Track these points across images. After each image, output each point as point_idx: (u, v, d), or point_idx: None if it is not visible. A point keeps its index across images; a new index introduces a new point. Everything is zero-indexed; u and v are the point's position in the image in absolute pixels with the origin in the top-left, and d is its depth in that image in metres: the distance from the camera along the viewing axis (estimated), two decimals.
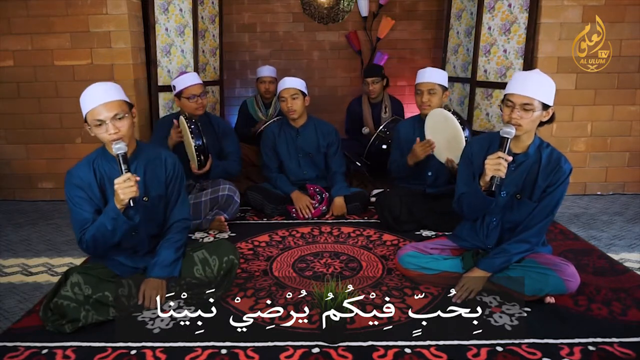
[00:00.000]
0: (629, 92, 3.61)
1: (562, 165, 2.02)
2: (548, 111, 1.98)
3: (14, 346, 1.79)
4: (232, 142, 3.26)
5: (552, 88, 1.99)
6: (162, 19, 3.67)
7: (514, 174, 2.07)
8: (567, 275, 1.96)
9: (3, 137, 3.69)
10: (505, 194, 2.09)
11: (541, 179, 2.03)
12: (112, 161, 2.01)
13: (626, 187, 3.79)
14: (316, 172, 3.38)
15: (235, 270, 2.15)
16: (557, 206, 2.05)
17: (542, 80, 1.97)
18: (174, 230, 2.13)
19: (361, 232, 2.93)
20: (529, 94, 1.93)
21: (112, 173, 2.00)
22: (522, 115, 1.94)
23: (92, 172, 2.00)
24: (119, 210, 1.90)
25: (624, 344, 1.77)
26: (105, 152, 2.03)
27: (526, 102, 1.93)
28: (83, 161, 2.04)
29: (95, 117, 1.91)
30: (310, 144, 3.32)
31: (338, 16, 5.19)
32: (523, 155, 2.06)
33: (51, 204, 3.66)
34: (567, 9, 3.45)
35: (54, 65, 3.54)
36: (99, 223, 1.92)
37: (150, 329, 1.88)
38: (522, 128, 1.96)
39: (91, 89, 1.96)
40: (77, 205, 1.97)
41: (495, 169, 1.91)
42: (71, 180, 1.98)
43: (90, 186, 1.99)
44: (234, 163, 3.22)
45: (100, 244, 1.96)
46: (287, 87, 3.18)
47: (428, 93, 2.91)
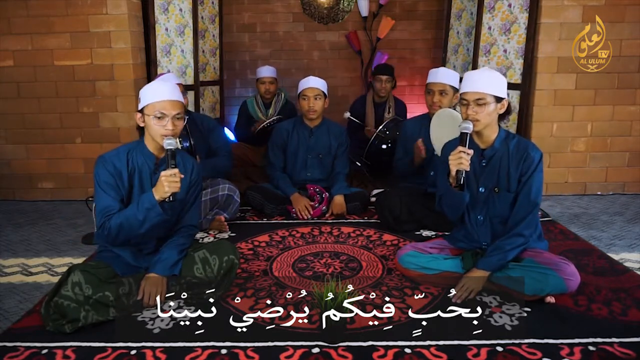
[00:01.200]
0: (629, 92, 3.61)
1: (530, 153, 2.07)
2: (503, 103, 2.06)
3: (14, 346, 1.79)
4: (218, 137, 3.18)
5: (502, 81, 2.07)
6: (162, 19, 3.67)
7: (487, 169, 2.13)
8: (567, 274, 1.97)
9: (3, 137, 3.69)
10: (483, 189, 2.15)
11: (513, 169, 2.09)
12: (147, 156, 2.06)
13: (626, 187, 3.79)
14: (320, 174, 3.37)
15: (235, 270, 2.15)
16: (538, 195, 2.09)
17: (490, 75, 2.06)
18: (181, 234, 2.15)
19: (361, 232, 2.93)
20: (480, 89, 2.03)
21: (143, 168, 2.06)
22: (477, 110, 2.03)
23: (126, 161, 2.04)
24: (155, 201, 1.93)
25: (624, 344, 1.76)
26: (142, 146, 2.07)
27: (478, 97, 2.03)
28: (120, 149, 2.07)
29: (159, 109, 1.97)
30: (323, 144, 3.33)
31: (338, 16, 5.20)
32: (490, 149, 2.13)
33: (51, 204, 3.66)
34: (567, 9, 3.45)
35: (54, 65, 3.54)
36: (130, 212, 1.95)
37: (150, 329, 1.88)
38: (479, 122, 2.05)
39: (161, 84, 2.05)
40: (104, 189, 2.00)
41: (457, 162, 1.99)
42: (104, 165, 2.01)
43: (120, 175, 2.02)
44: (224, 158, 3.15)
45: (123, 233, 1.98)
46: (311, 87, 3.19)
47: (439, 94, 2.90)
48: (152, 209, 1.94)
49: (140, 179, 2.06)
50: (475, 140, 2.13)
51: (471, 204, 2.19)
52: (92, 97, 3.57)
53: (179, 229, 2.16)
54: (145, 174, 2.07)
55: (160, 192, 1.93)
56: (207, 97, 4.36)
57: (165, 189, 1.91)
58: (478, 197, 2.16)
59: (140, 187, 2.06)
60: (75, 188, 3.72)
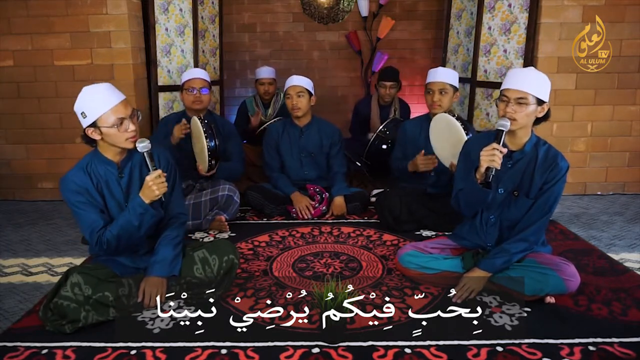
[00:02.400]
0: (629, 92, 3.61)
1: (559, 163, 2.03)
2: (543, 107, 2.01)
3: (14, 346, 1.79)
4: (235, 143, 3.26)
5: (547, 84, 2.01)
6: (162, 19, 3.67)
7: (511, 171, 2.08)
8: (567, 274, 1.96)
9: (3, 137, 3.69)
10: (502, 190, 2.10)
11: (538, 176, 2.04)
12: (107, 164, 2.02)
13: (626, 187, 3.79)
14: (317, 173, 3.38)
15: (235, 269, 2.15)
16: (554, 204, 2.06)
17: (536, 76, 2.01)
18: (171, 226, 2.13)
19: (361, 232, 2.93)
20: (523, 88, 1.97)
21: (107, 176, 2.01)
22: (516, 110, 1.98)
23: (88, 177, 1.99)
24: (147, 205, 1.94)
25: (624, 344, 1.77)
26: (98, 156, 2.02)
27: (520, 97, 1.97)
28: (75, 168, 2.02)
29: (118, 114, 1.91)
30: (313, 143, 3.33)
31: (338, 16, 5.20)
32: (519, 152, 2.08)
33: (51, 204, 3.66)
34: (567, 9, 3.45)
35: (54, 65, 3.54)
36: (124, 221, 1.94)
37: (150, 329, 1.88)
38: (516, 122, 1.99)
39: (101, 90, 1.94)
40: (82, 209, 1.97)
41: (490, 159, 1.94)
42: (68, 187, 1.97)
43: (88, 191, 1.98)
44: (238, 164, 3.23)
45: (123, 242, 1.99)
46: (293, 85, 3.21)
47: (439, 93, 2.90)
48: (145, 213, 1.95)
49: (109, 188, 2.01)
50: (505, 140, 2.07)
51: (487, 203, 2.14)
52: None
53: (167, 221, 2.14)
54: (112, 182, 2.02)
55: (150, 196, 1.94)
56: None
57: (155, 192, 1.93)
58: (495, 198, 2.11)
59: (111, 196, 2.02)
60: None
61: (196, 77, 3.06)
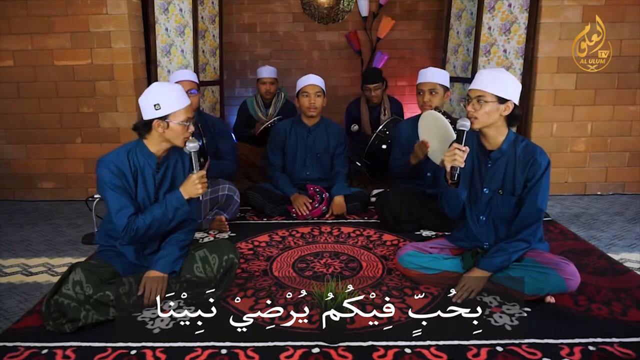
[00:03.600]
0: (629, 92, 3.61)
1: (537, 158, 2.05)
2: (507, 105, 2.01)
3: (14, 346, 1.79)
4: (227, 142, 3.24)
5: (511, 83, 2.03)
6: (162, 19, 3.67)
7: (492, 170, 2.12)
8: (567, 274, 1.96)
9: (3, 137, 3.69)
10: (487, 190, 2.14)
11: (519, 173, 2.07)
12: (149, 157, 2.08)
13: (626, 187, 3.79)
14: (320, 173, 3.37)
15: (235, 269, 2.15)
16: (543, 201, 2.07)
17: (497, 75, 2.03)
18: (181, 229, 2.15)
19: (361, 232, 2.93)
20: (481, 87, 2.02)
21: (145, 168, 2.08)
22: (475, 108, 2.02)
23: (128, 162, 2.05)
24: (184, 200, 2.03)
25: (624, 344, 1.77)
26: (141, 147, 2.08)
27: (478, 95, 2.01)
28: (119, 150, 2.08)
29: (187, 114, 2.04)
30: (321, 143, 3.33)
31: (338, 16, 5.20)
32: (497, 151, 2.11)
33: (51, 204, 3.66)
34: (567, 9, 3.45)
35: (54, 65, 3.54)
36: (159, 212, 2.02)
37: (150, 329, 1.88)
38: (478, 120, 2.03)
39: (178, 89, 2.06)
40: (116, 191, 2.01)
41: (451, 159, 1.99)
42: (108, 167, 2.01)
43: (124, 175, 2.04)
44: (230, 163, 3.22)
45: (151, 232, 2.05)
46: (313, 84, 3.20)
47: (429, 93, 2.91)
48: (180, 208, 2.04)
49: (143, 179, 2.07)
50: (482, 141, 2.13)
51: (474, 203, 2.19)
52: (92, 97, 3.57)
53: (180, 224, 2.16)
54: (148, 174, 2.08)
55: (192, 193, 2.04)
56: (207, 97, 4.35)
57: (199, 190, 2.03)
58: (482, 198, 2.15)
59: (143, 187, 2.07)
60: (75, 188, 3.72)
61: (184, 79, 3.03)
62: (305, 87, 3.21)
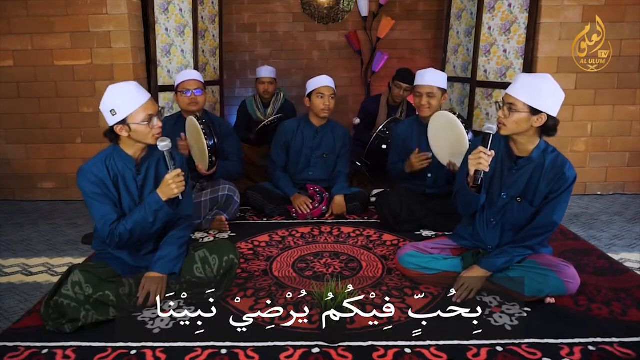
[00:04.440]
0: (629, 92, 3.61)
1: (566, 172, 1.99)
2: (540, 117, 1.92)
3: (14, 346, 1.79)
4: (233, 143, 3.25)
5: (550, 94, 1.93)
6: (162, 19, 3.67)
7: (515, 176, 2.06)
8: (567, 276, 1.96)
9: (3, 137, 3.69)
10: (505, 195, 2.09)
11: (544, 184, 2.01)
12: (127, 160, 2.04)
13: (626, 187, 3.79)
14: (322, 174, 3.37)
15: (235, 269, 2.15)
16: (560, 215, 2.03)
17: (536, 84, 1.93)
18: (178, 227, 2.15)
19: (361, 232, 2.93)
20: (515, 94, 1.94)
21: (125, 172, 2.04)
22: (506, 115, 1.96)
23: (106, 169, 2.02)
24: (163, 202, 1.97)
25: (624, 344, 1.77)
26: (119, 151, 2.05)
27: (510, 102, 1.95)
28: (96, 158, 2.05)
29: (148, 111, 1.96)
30: (327, 144, 3.33)
31: (338, 16, 5.20)
32: (526, 159, 2.04)
33: (51, 204, 3.66)
34: (567, 9, 3.45)
35: (54, 65, 3.54)
36: (139, 217, 1.97)
37: (150, 329, 1.88)
38: (505, 128, 1.98)
39: (131, 88, 1.99)
40: (97, 200, 1.99)
41: (476, 162, 1.93)
42: (86, 177, 2.00)
43: (104, 183, 2.01)
44: (236, 164, 3.23)
45: (135, 237, 2.02)
46: (328, 85, 3.18)
47: (427, 96, 2.90)
48: (160, 210, 1.98)
49: (125, 183, 2.04)
50: (510, 146, 2.07)
51: (488, 206, 2.14)
52: (92, 97, 3.57)
53: (176, 222, 2.16)
54: (129, 178, 2.05)
55: (168, 194, 1.97)
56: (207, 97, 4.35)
57: (174, 190, 1.97)
58: (497, 202, 2.10)
59: (127, 191, 2.04)
60: (75, 188, 3.67)
61: (190, 78, 3.04)
62: (320, 88, 3.18)
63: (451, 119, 2.69)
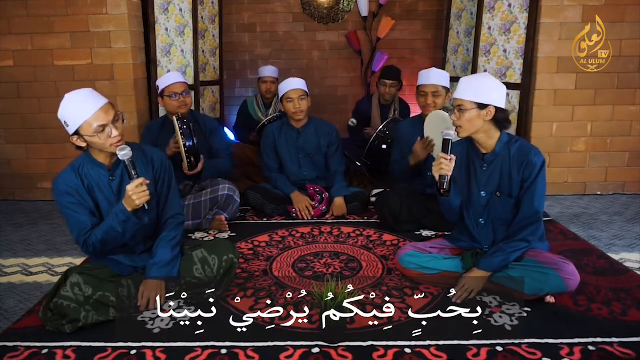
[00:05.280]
0: (629, 92, 3.61)
1: (532, 159, 2.04)
2: (489, 110, 2.00)
3: (14, 346, 1.79)
4: (220, 140, 3.22)
5: (491, 88, 2.01)
6: (162, 19, 3.67)
7: (487, 172, 2.12)
8: (567, 273, 1.96)
9: (3, 137, 3.69)
10: (485, 193, 2.14)
11: (515, 174, 2.07)
12: (99, 167, 2.01)
13: (626, 187, 3.79)
14: (316, 173, 3.37)
15: (235, 269, 2.15)
16: (540, 201, 2.07)
17: (475, 81, 2.04)
18: (168, 227, 2.12)
19: (361, 232, 2.93)
20: (459, 95, 2.05)
21: (99, 179, 2.00)
22: (458, 117, 2.04)
23: (79, 178, 1.99)
24: (129, 213, 1.91)
25: (624, 344, 1.77)
26: (90, 159, 2.01)
27: (458, 104, 2.04)
28: (67, 169, 2.01)
29: (98, 122, 1.86)
30: (311, 144, 3.33)
31: (338, 16, 5.20)
32: (491, 154, 2.11)
33: (51, 204, 3.66)
34: (567, 9, 3.45)
35: (54, 65, 3.54)
36: (108, 226, 1.93)
37: (150, 329, 1.88)
38: (462, 129, 2.06)
39: (80, 98, 1.88)
40: (71, 210, 1.96)
41: (438, 169, 2.01)
42: (59, 188, 1.97)
43: (78, 192, 1.97)
44: (226, 160, 3.19)
45: (109, 246, 1.99)
46: (295, 88, 3.18)
47: (433, 95, 2.92)
48: (127, 220, 1.93)
49: (101, 190, 2.01)
50: (476, 145, 2.14)
51: (472, 207, 2.18)
52: None
53: (164, 223, 2.13)
54: (104, 184, 2.01)
55: (132, 205, 1.89)
56: (207, 97, 4.36)
57: (136, 202, 1.88)
58: (480, 201, 2.15)
59: (104, 198, 2.01)
60: None
61: (177, 81, 3.01)
62: (287, 92, 3.18)
63: (445, 117, 2.71)
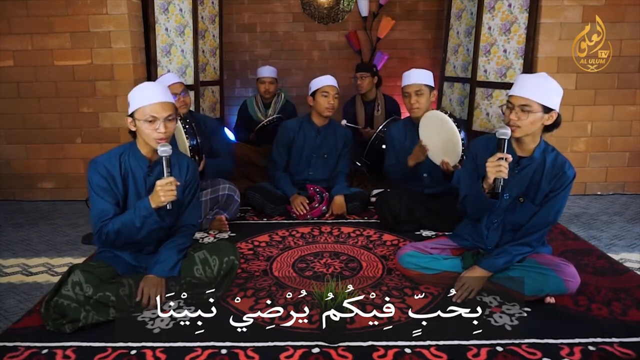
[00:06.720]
0: (629, 92, 3.61)
1: (566, 171, 2.00)
2: (551, 114, 1.95)
3: (14, 346, 1.79)
4: (221, 140, 3.23)
5: (556, 92, 1.97)
6: (162, 19, 3.67)
7: (518, 176, 2.06)
8: (567, 275, 1.96)
9: (3, 137, 3.69)
10: (508, 196, 2.08)
11: (545, 183, 2.02)
12: (141, 159, 2.05)
13: (626, 187, 3.79)
14: (323, 174, 3.37)
15: (235, 270, 2.15)
16: (559, 212, 2.04)
17: (543, 83, 1.95)
18: (180, 233, 2.15)
19: (361, 232, 2.93)
20: (528, 95, 1.93)
21: (137, 170, 2.04)
22: (520, 117, 1.94)
23: (119, 165, 2.03)
24: (152, 209, 1.94)
25: (624, 344, 1.77)
26: (134, 149, 2.06)
27: (524, 104, 1.93)
28: (111, 152, 2.06)
29: (151, 112, 1.95)
30: (329, 144, 3.34)
31: (338, 16, 5.20)
32: (528, 159, 2.05)
33: (51, 204, 3.66)
34: (567, 9, 3.45)
35: (54, 65, 3.54)
36: (127, 219, 1.96)
37: (150, 329, 1.88)
38: (520, 130, 1.96)
39: (150, 86, 2.02)
40: (98, 194, 1.99)
41: (497, 170, 1.91)
42: (97, 169, 2.00)
43: (114, 178, 2.01)
44: (226, 160, 3.20)
45: (122, 238, 2.00)
46: (333, 85, 3.20)
47: (416, 94, 2.92)
48: (149, 217, 1.95)
49: (135, 182, 2.05)
50: (512, 146, 2.05)
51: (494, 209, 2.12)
52: (92, 97, 3.57)
53: (178, 229, 2.16)
54: (139, 178, 2.05)
55: (157, 201, 1.93)
56: (207, 97, 4.36)
57: (161, 198, 1.92)
58: (501, 204, 2.09)
59: (135, 190, 2.05)
60: (75, 188, 3.72)
61: (175, 82, 3.01)
62: (325, 87, 3.19)
63: (442, 118, 2.70)
